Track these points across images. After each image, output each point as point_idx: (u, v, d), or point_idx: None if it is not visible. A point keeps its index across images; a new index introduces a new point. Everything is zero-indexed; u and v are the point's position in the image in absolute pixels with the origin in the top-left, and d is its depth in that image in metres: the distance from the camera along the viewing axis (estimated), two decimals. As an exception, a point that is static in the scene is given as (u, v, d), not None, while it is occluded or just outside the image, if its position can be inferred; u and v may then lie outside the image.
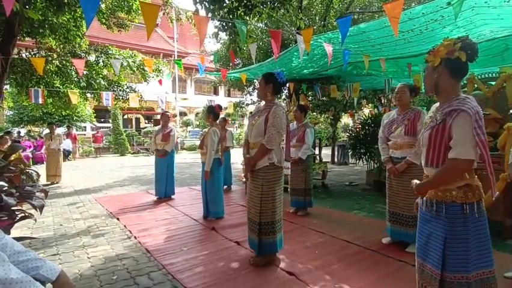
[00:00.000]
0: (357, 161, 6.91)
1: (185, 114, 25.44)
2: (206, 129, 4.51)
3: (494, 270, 1.52)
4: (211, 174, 4.08)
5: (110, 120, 17.36)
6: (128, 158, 14.94)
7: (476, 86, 4.26)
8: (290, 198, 4.53)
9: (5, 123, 15.19)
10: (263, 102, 3.01)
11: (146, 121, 23.39)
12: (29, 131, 15.35)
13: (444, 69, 1.54)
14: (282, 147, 2.93)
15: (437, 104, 1.67)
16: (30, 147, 12.26)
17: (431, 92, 1.64)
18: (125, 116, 21.77)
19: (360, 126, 6.79)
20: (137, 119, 23.14)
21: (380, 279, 2.49)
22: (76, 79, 7.08)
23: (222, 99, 24.17)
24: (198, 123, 23.64)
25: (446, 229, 1.50)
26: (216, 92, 27.82)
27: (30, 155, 11.89)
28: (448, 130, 1.48)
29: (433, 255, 1.54)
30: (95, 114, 16.81)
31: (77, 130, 16.33)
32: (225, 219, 4.24)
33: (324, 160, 7.65)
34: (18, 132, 14.71)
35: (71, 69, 7.11)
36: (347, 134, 9.28)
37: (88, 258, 3.00)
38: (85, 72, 6.96)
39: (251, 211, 2.85)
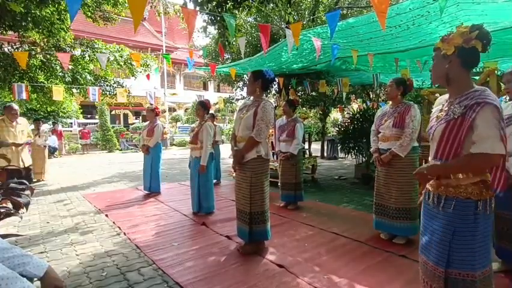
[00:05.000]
0: (346, 155, 7.01)
1: (174, 109, 25.20)
2: (194, 124, 4.49)
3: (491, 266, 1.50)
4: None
5: (97, 116, 17.04)
6: (116, 155, 14.73)
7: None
8: (280, 192, 4.56)
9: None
10: (251, 98, 3.04)
11: (135, 117, 23.06)
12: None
13: (457, 58, 1.44)
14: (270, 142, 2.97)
15: (445, 96, 1.59)
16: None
17: (439, 81, 1.54)
18: (113, 112, 21.43)
19: (349, 121, 6.87)
20: (125, 115, 22.80)
21: (367, 269, 2.55)
22: (60, 74, 6.90)
23: (211, 95, 24.02)
24: (187, 118, 23.46)
25: (455, 225, 1.44)
26: (205, 88, 27.60)
27: (15, 152, 11.59)
28: (467, 124, 1.38)
29: (437, 251, 1.49)
30: (81, 110, 16.47)
31: (63, 126, 15.98)
32: (216, 214, 4.24)
33: (313, 155, 7.73)
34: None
35: (55, 64, 6.92)
36: (336, 128, 9.39)
37: (77, 255, 2.97)
38: (70, 67, 6.80)
39: (240, 202, 2.92)
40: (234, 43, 5.04)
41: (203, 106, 4.28)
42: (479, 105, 1.36)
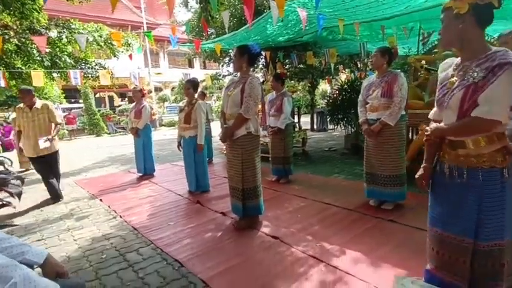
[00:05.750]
0: (336, 127, 7.07)
1: (160, 89, 24.64)
2: (182, 103, 4.42)
3: None
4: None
5: (81, 100, 16.58)
6: (105, 139, 14.53)
7: (446, 46, 4.36)
8: (271, 166, 4.63)
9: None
10: (238, 74, 3.00)
11: (121, 99, 22.51)
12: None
13: (472, 17, 1.32)
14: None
15: (451, 61, 1.48)
16: (-4, 133, 11.64)
17: (451, 45, 1.42)
18: (97, 95, 20.84)
19: (337, 92, 6.87)
20: (111, 97, 22.23)
21: (357, 235, 2.67)
22: (38, 58, 6.60)
23: (197, 72, 23.45)
24: (174, 98, 23.04)
25: (482, 197, 1.37)
26: (191, 65, 26.90)
27: (-1, 142, 11.32)
28: (485, 87, 1.27)
29: (464, 224, 1.42)
30: (64, 95, 15.95)
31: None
32: (210, 192, 4.30)
33: (303, 128, 7.77)
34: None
35: (32, 48, 6.60)
36: (325, 100, 9.40)
37: (74, 240, 3.01)
38: (47, 50, 6.50)
39: (233, 179, 2.97)
40: (217, 17, 4.86)
41: (192, 85, 4.19)
42: (501, 67, 1.24)
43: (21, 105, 4.20)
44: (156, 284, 2.15)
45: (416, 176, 1.64)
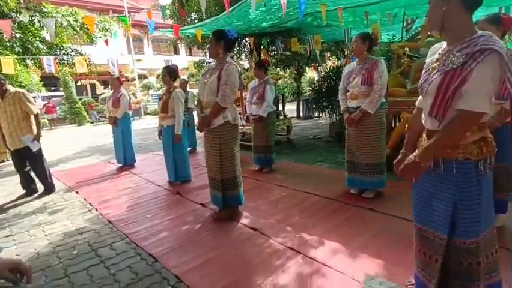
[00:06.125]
0: (321, 114, 7.03)
1: (145, 77, 24.02)
2: (162, 91, 4.25)
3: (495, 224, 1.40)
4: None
5: (61, 88, 15.98)
6: (87, 128, 14.13)
7: (429, 33, 4.30)
8: (253, 156, 4.55)
9: None
10: (215, 61, 2.87)
11: (103, 86, 21.83)
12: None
13: None
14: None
15: (443, 45, 1.39)
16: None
17: (435, 27, 1.34)
18: (78, 83, 20.14)
19: (322, 79, 6.79)
20: (93, 85, 21.54)
21: (337, 225, 2.64)
22: (8, 44, 6.23)
23: (183, 59, 22.89)
24: (159, 86, 22.50)
25: (457, 191, 1.30)
26: (176, 51, 26.22)
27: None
28: (466, 75, 1.19)
29: (438, 219, 1.36)
30: (42, 83, 15.31)
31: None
32: (192, 182, 4.21)
33: (289, 116, 7.69)
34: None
35: (0, 33, 6.22)
36: (311, 87, 9.31)
37: (45, 235, 2.88)
38: (18, 35, 6.14)
39: (211, 170, 2.89)
40: (193, 1, 4.64)
41: (169, 72, 4.01)
42: (482, 53, 1.16)
43: None
44: (127, 280, 2.07)
45: (394, 162, 1.55)
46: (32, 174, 4.13)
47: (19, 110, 3.82)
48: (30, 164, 4.05)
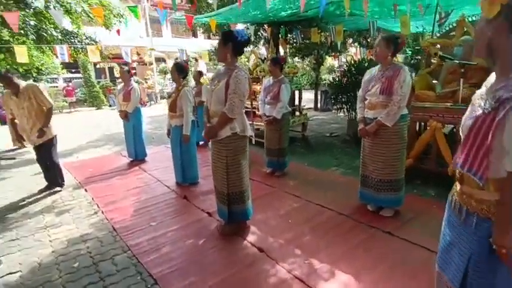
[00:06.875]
0: (338, 111, 6.69)
1: (163, 60, 23.89)
2: (170, 89, 4.04)
3: None
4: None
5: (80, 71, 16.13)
6: (105, 112, 14.26)
7: (465, 29, 3.86)
8: (266, 158, 4.35)
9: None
10: (223, 65, 2.64)
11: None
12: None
13: (505, 23, 1.00)
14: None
15: (492, 78, 1.14)
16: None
17: (481, 55, 1.12)
18: (98, 66, 20.26)
19: (341, 74, 6.40)
20: (111, 69, 21.63)
21: (350, 250, 2.44)
22: (22, 31, 6.17)
23: (201, 42, 22.53)
24: (176, 69, 22.34)
25: (474, 247, 1.14)
26: (194, 35, 25.81)
27: (-4, 115, 11.11)
28: (497, 125, 0.98)
29: (453, 269, 1.23)
30: (62, 66, 15.45)
31: (48, 82, 15.14)
32: (199, 184, 4.08)
33: (306, 106, 7.36)
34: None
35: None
36: (331, 78, 8.88)
37: (50, 241, 2.84)
38: (32, 23, 6.06)
39: (218, 182, 2.72)
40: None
41: (178, 69, 3.80)
42: (507, 103, 0.95)
43: (7, 91, 3.75)
44: (123, 307, 1.97)
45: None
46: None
47: (35, 104, 3.72)
48: (43, 156, 3.97)
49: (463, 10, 4.93)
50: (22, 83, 3.75)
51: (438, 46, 4.06)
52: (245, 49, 2.82)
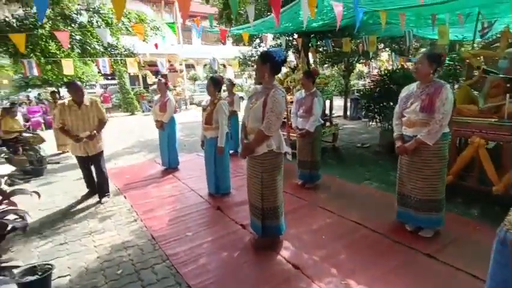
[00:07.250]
0: (370, 122, 6.56)
1: (192, 66, 24.58)
2: (205, 101, 4.14)
3: None
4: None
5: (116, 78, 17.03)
6: (138, 118, 14.90)
7: (510, 41, 3.68)
8: (298, 170, 4.36)
9: (10, 89, 15.09)
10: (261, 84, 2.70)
11: (154, 76, 22.80)
12: (39, 94, 15.26)
13: None
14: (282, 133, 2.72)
15: None
16: (38, 111, 12.28)
17: None
18: (131, 73, 21.23)
19: (374, 84, 6.28)
20: (144, 76, 22.57)
21: (388, 273, 2.38)
22: (69, 45, 6.66)
23: (229, 49, 22.96)
24: (205, 76, 22.91)
25: None
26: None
27: (42, 120, 11.98)
28: None
29: None
30: (99, 73, 16.38)
31: (88, 88, 16.13)
32: (232, 195, 4.16)
33: (335, 114, 7.27)
34: (27, 97, 14.68)
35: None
36: (360, 86, 8.73)
37: (95, 247, 3.03)
38: (78, 37, 6.51)
39: (252, 196, 2.79)
40: (242, 12, 4.48)
41: (214, 83, 3.92)
42: None
43: (66, 101, 3.88)
44: (166, 318, 2.06)
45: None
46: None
47: (95, 118, 3.98)
48: (94, 167, 4.21)
49: (504, 19, 4.70)
50: (85, 96, 3.96)
51: (481, 59, 3.90)
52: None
